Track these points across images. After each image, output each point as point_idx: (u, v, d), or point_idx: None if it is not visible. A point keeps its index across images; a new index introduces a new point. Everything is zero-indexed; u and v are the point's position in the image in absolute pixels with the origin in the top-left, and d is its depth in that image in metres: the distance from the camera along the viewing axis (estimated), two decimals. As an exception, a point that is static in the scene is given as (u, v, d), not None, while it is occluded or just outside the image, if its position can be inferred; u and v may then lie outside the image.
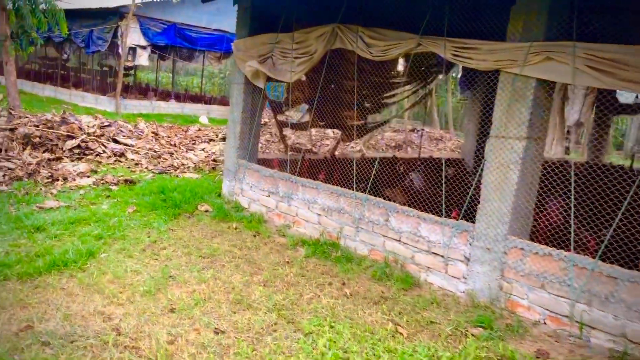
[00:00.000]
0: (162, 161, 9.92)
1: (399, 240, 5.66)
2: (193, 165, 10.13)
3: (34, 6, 15.16)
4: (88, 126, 10.01)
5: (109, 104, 19.33)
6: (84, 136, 9.47)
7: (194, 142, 13.67)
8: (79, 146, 9.35)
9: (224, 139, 14.80)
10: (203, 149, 12.87)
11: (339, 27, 6.32)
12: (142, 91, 23.13)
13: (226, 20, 21.39)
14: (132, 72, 23.38)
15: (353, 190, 6.24)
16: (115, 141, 10.04)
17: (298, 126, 9.17)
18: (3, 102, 15.97)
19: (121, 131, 10.61)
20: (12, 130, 9.11)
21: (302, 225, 6.82)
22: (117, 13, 18.49)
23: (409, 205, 5.79)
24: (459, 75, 14.82)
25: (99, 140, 9.72)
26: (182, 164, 9.93)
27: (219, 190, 8.37)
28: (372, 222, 5.96)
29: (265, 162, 8.18)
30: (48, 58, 25.94)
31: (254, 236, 6.51)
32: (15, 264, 4.80)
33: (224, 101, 24.09)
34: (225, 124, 20.08)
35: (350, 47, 6.22)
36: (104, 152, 9.50)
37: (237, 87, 7.96)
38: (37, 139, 9.06)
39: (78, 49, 22.16)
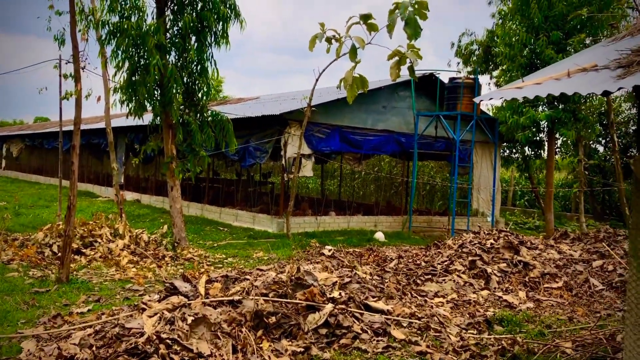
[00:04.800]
0: (439, 338, 6.41)
1: None
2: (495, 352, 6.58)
3: (200, 120, 13.05)
4: (325, 286, 6.83)
5: (270, 223, 16.63)
6: (329, 306, 6.25)
7: (412, 279, 10.19)
8: (326, 322, 6.11)
9: (453, 271, 11.26)
10: (436, 294, 9.30)
11: None
12: (296, 203, 20.48)
13: (391, 119, 18.68)
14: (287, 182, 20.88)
15: None
16: (367, 307, 6.74)
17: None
18: (167, 234, 13.57)
19: (367, 288, 7.34)
20: (234, 304, 6.07)
21: None
22: (280, 120, 16.20)
23: None
24: None
25: (349, 308, 6.45)
26: (474, 350, 6.33)
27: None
28: None
29: None
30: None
31: None
32: None
33: (386, 210, 20.75)
34: (402, 240, 16.53)
35: None
36: (363, 330, 6.18)
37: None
38: (272, 318, 5.93)
39: (227, 161, 20.22)
